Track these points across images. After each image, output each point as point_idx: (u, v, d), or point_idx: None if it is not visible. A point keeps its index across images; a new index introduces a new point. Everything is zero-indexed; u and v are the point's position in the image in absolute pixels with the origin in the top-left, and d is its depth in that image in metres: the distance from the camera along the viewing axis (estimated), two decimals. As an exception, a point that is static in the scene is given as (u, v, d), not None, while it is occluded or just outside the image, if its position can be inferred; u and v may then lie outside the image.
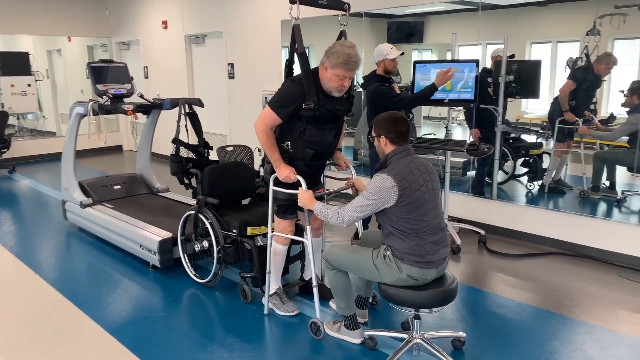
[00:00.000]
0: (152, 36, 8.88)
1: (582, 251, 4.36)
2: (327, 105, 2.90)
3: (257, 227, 3.52)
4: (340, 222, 2.66)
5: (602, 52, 4.49)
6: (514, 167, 5.62)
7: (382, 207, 2.56)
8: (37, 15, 9.06)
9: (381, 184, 2.52)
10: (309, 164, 3.05)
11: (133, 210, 4.71)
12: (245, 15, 7.03)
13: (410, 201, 2.51)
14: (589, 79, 4.66)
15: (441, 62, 4.17)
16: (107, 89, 4.78)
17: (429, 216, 2.57)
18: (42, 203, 6.45)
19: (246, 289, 3.52)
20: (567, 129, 4.88)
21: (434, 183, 2.65)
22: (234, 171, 3.94)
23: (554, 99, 5.05)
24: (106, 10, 9.76)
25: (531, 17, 5.60)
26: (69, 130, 4.94)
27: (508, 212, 4.88)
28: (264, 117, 2.94)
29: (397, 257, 2.57)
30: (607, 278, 3.92)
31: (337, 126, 3.07)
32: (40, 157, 9.40)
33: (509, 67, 4.82)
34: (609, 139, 4.68)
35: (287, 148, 3.01)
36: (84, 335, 3.17)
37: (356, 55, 2.80)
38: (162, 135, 6.30)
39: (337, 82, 2.83)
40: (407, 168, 2.55)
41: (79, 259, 4.50)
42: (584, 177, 4.83)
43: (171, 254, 4.01)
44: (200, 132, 4.70)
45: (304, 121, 2.90)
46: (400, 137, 2.63)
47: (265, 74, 6.91)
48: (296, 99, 2.85)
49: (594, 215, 4.44)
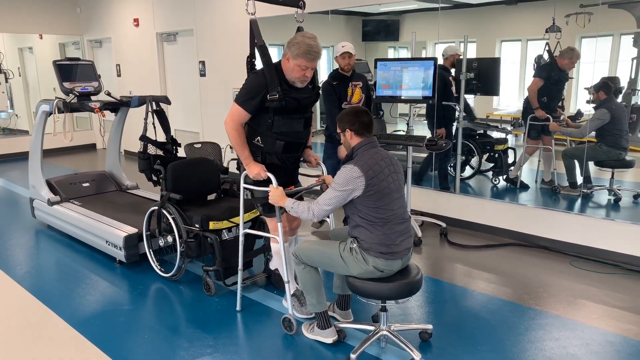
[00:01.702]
0: (124, 34, 8.86)
1: (537, 242, 4.53)
2: (292, 94, 2.93)
3: (219, 221, 3.61)
4: (312, 217, 2.71)
5: (563, 49, 4.64)
6: (479, 162, 5.79)
7: (350, 197, 2.62)
8: (7, 12, 8.97)
9: (349, 174, 2.58)
10: (282, 157, 3.06)
11: (101, 207, 4.75)
12: (215, 14, 7.08)
13: (377, 190, 2.58)
14: (554, 75, 4.79)
15: (401, 61, 4.29)
16: (73, 87, 4.80)
17: (394, 205, 2.65)
18: (11, 202, 6.43)
19: (209, 282, 3.61)
20: (539, 126, 5.01)
21: (399, 175, 2.73)
22: (198, 167, 4.02)
23: (525, 98, 5.18)
24: (77, 8, 9.70)
25: (501, 15, 5.77)
26: (35, 128, 4.95)
27: (469, 205, 5.04)
28: (232, 114, 2.96)
29: (363, 248, 2.63)
30: (560, 267, 4.09)
31: (305, 116, 3.09)
32: (12, 155, 9.32)
33: (469, 65, 4.97)
34: (578, 136, 4.81)
35: (258, 144, 3.03)
36: (48, 330, 3.22)
37: (317, 45, 2.84)
38: (133, 132, 6.32)
39: (299, 72, 2.87)
40: (372, 159, 2.62)
41: (46, 256, 4.54)
42: (555, 172, 4.99)
43: (137, 250, 4.08)
44: (167, 130, 4.74)
45: (270, 113, 2.92)
46: (364, 129, 2.70)
47: (235, 71, 6.97)
48: (260, 90, 2.88)
49: (549, 207, 4.61)
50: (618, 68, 4.70)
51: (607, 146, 4.56)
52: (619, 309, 3.37)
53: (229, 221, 3.65)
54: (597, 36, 4.54)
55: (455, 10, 5.65)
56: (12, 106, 10.86)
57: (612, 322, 3.21)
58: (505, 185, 5.45)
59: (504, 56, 6.00)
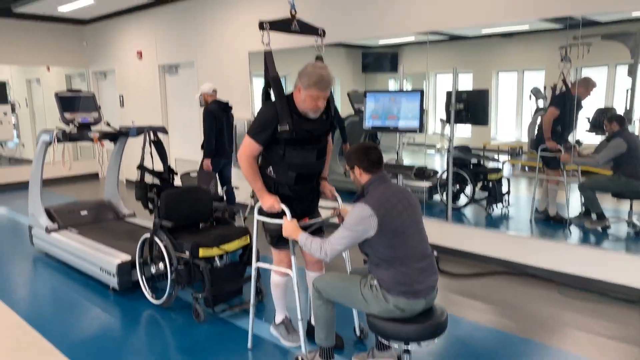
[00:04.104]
0: (128, 66, 9.12)
1: (526, 270, 4.56)
2: (303, 126, 2.89)
3: (209, 248, 3.68)
4: (324, 256, 2.60)
5: (579, 78, 4.63)
6: (473, 191, 5.85)
7: (363, 237, 2.52)
8: (18, 45, 9.26)
9: (360, 213, 2.49)
10: (294, 188, 2.99)
11: (97, 234, 4.84)
12: (215, 47, 7.30)
13: (391, 228, 2.48)
14: (569, 104, 4.75)
15: (388, 93, 4.42)
16: (74, 117, 4.95)
17: (412, 242, 2.54)
18: (11, 229, 6.54)
19: (199, 309, 3.66)
20: (550, 157, 4.93)
21: (415, 208, 2.61)
22: (191, 195, 4.11)
23: (538, 127, 5.16)
24: (84, 41, 10.00)
25: (497, 47, 5.92)
26: (35, 157, 5.09)
27: (461, 233, 5.09)
28: (244, 146, 2.91)
29: (383, 287, 2.52)
30: (548, 295, 4.12)
31: (318, 147, 3.02)
32: (17, 185, 9.45)
33: (459, 96, 5.09)
34: (593, 166, 4.77)
35: (270, 175, 2.99)
36: (36, 354, 3.27)
37: (328, 75, 2.81)
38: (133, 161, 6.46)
39: (311, 102, 2.83)
40: (384, 196, 2.54)
41: (41, 283, 4.61)
42: (567, 203, 4.82)
43: (129, 277, 4.14)
44: (165, 159, 4.86)
45: (282, 144, 2.88)
46: (373, 165, 2.64)
47: (234, 102, 7.14)
48: (271, 122, 2.85)
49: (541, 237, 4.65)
50: (614, 98, 4.80)
51: (626, 177, 4.52)
52: (608, 338, 3.38)
53: (219, 248, 3.72)
54: (592, 66, 4.65)
55: (452, 42, 5.81)
56: (18, 136, 11.10)
57: (601, 351, 3.22)
58: (545, 223, 5.16)
59: (501, 87, 6.14)
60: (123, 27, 9.06)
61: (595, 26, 4.28)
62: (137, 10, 8.49)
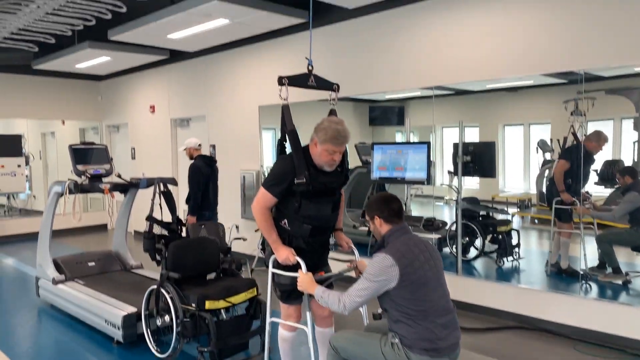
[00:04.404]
0: (140, 119, 9.35)
1: (540, 325, 4.44)
2: (319, 179, 2.89)
3: (216, 301, 3.63)
4: (342, 309, 2.52)
5: (591, 132, 4.66)
6: (482, 244, 5.79)
7: (384, 289, 2.45)
8: (35, 100, 9.59)
9: (381, 263, 2.43)
10: (309, 240, 2.97)
11: (103, 286, 4.81)
12: (226, 101, 7.49)
13: (413, 280, 2.41)
14: (579, 157, 4.71)
15: (395, 144, 4.49)
16: (86, 169, 5.04)
17: (434, 296, 2.47)
18: (19, 281, 6.52)
19: (203, 364, 3.58)
20: (564, 209, 4.86)
21: (436, 261, 2.55)
22: (199, 247, 4.11)
23: (549, 180, 5.14)
24: (99, 96, 10.32)
25: (503, 101, 6.03)
26: (46, 208, 5.15)
27: (471, 287, 5.00)
28: (259, 198, 2.91)
29: (406, 345, 2.43)
30: (564, 351, 3.99)
31: (333, 200, 3.03)
32: (27, 236, 9.49)
33: (465, 149, 5.13)
34: (609, 219, 4.71)
35: (284, 226, 2.95)
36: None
37: (344, 130, 2.84)
38: (141, 213, 6.50)
39: (327, 156, 2.84)
40: (405, 246, 2.49)
41: (45, 335, 4.55)
42: (584, 257, 4.67)
43: (135, 329, 4.08)
44: (173, 210, 4.89)
45: (298, 196, 2.87)
46: (394, 215, 2.60)
47: (244, 154, 7.26)
48: (287, 175, 2.86)
49: (555, 290, 4.55)
50: (622, 150, 4.84)
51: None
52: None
53: (226, 301, 3.67)
54: (598, 120, 4.69)
55: (457, 97, 5.92)
56: (30, 187, 11.25)
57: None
58: (557, 276, 5.04)
59: (508, 140, 6.20)
60: (137, 82, 9.36)
61: (599, 81, 4.34)
62: (151, 67, 8.79)
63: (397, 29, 5.34)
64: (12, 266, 7.33)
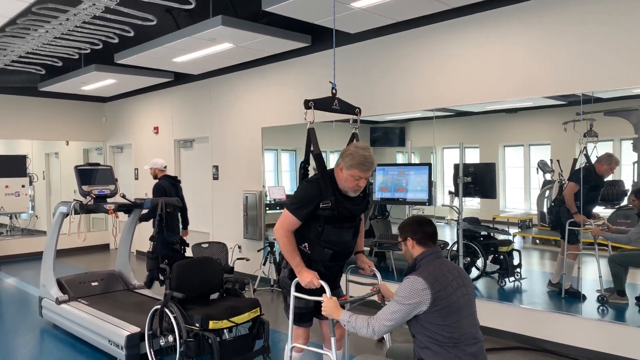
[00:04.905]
0: (144, 140, 9.45)
1: (543, 345, 4.44)
2: (344, 205, 2.89)
3: (219, 320, 3.66)
4: (371, 334, 2.45)
5: (602, 155, 4.66)
6: (484, 264, 5.82)
7: (414, 312, 2.38)
8: (40, 121, 9.73)
9: (412, 286, 2.37)
10: (328, 265, 2.97)
11: (107, 306, 4.83)
12: (229, 123, 7.59)
13: (445, 305, 2.35)
14: (591, 180, 4.70)
15: (397, 166, 4.55)
16: (91, 189, 5.10)
17: (465, 324, 2.40)
18: (21, 301, 6.53)
19: (206, 384, 3.59)
20: (575, 231, 4.80)
21: (468, 288, 2.49)
22: (202, 266, 4.15)
23: (557, 201, 5.13)
24: (103, 117, 10.45)
25: (503, 122, 6.10)
26: (51, 228, 5.19)
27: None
28: (283, 221, 2.89)
29: None
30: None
31: (354, 225, 3.02)
32: (29, 255, 9.54)
33: (466, 170, 5.19)
34: (624, 242, 4.65)
35: (304, 250, 2.94)
36: None
37: (371, 156, 2.84)
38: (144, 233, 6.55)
39: (352, 182, 2.84)
40: (438, 270, 2.43)
41: (49, 356, 4.55)
42: (600, 280, 4.67)
43: (138, 349, 4.09)
44: (177, 230, 4.95)
45: (321, 221, 2.86)
46: (427, 238, 2.55)
47: (246, 175, 7.33)
48: (314, 199, 2.84)
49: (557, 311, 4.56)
50: (622, 171, 4.86)
51: None
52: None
53: (229, 320, 3.70)
54: (598, 141, 4.75)
55: (458, 118, 6.00)
56: (33, 207, 11.30)
57: None
58: (558, 296, 5.02)
59: (508, 160, 6.27)
60: (141, 104, 9.49)
61: (598, 102, 4.39)
62: (156, 89, 8.93)
63: (397, 53, 5.46)
64: (14, 286, 7.34)
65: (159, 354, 4.02)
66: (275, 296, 6.41)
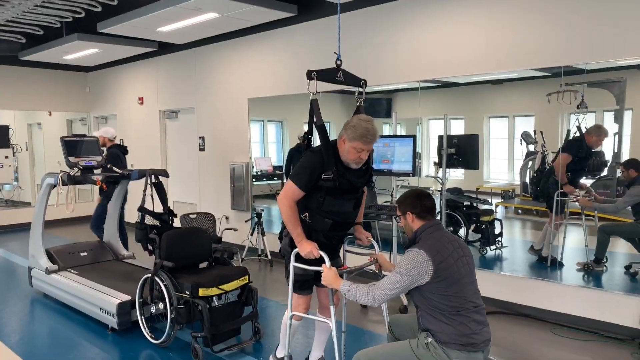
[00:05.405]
0: (129, 111, 9.37)
1: (519, 310, 4.64)
2: (346, 176, 2.90)
3: (209, 288, 3.76)
4: (372, 302, 2.51)
5: (591, 126, 4.71)
6: (466, 233, 5.97)
7: (416, 284, 2.44)
8: (21, 91, 9.55)
9: (414, 258, 2.42)
10: (328, 234, 3.00)
11: (96, 275, 4.90)
12: (215, 93, 7.56)
13: (447, 276, 2.41)
14: (581, 152, 4.78)
15: (381, 138, 4.61)
16: (78, 161, 5.10)
17: (467, 292, 2.47)
18: (9, 271, 6.57)
19: (197, 348, 3.71)
20: (564, 201, 4.86)
21: (468, 258, 2.55)
22: (191, 237, 4.23)
23: (538, 172, 5.22)
24: (86, 87, 10.30)
25: (488, 94, 6.16)
26: (39, 199, 5.21)
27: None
28: (286, 191, 2.91)
29: (441, 341, 2.41)
30: (541, 335, 4.19)
31: (356, 197, 3.04)
32: (14, 226, 9.52)
33: (450, 141, 5.29)
34: (611, 211, 4.74)
35: (305, 219, 2.97)
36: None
37: (373, 129, 2.84)
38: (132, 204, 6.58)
39: (354, 154, 2.85)
40: (439, 242, 2.48)
41: (40, 324, 4.64)
42: (587, 249, 4.79)
43: (129, 317, 4.19)
44: (165, 201, 4.98)
45: (322, 192, 2.88)
46: (427, 212, 2.59)
47: (233, 146, 7.35)
48: (316, 169, 2.87)
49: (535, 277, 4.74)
50: (604, 142, 4.96)
51: None
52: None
53: (218, 288, 3.80)
54: (581, 113, 4.83)
55: (443, 89, 6.04)
56: (17, 179, 11.20)
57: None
58: (538, 263, 5.16)
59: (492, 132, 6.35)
60: (125, 74, 9.38)
61: (581, 74, 4.43)
62: (140, 59, 8.81)
63: (383, 23, 5.47)
64: (1, 257, 7.36)
65: (150, 321, 4.13)
66: (262, 265, 6.54)
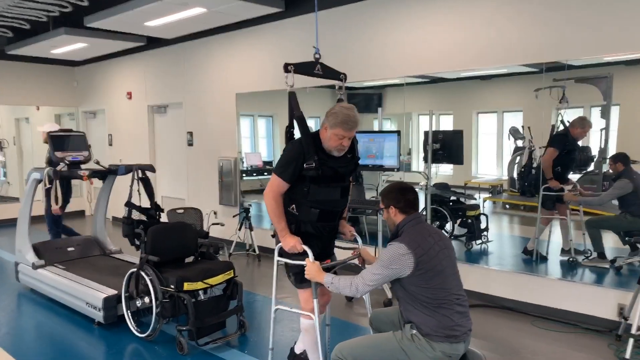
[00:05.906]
0: (118, 106, 9.35)
1: (501, 302, 4.71)
2: (328, 164, 2.91)
3: (194, 282, 3.79)
4: (354, 292, 2.56)
5: (575, 118, 4.77)
6: (452, 228, 6.04)
7: (397, 276, 2.48)
8: (8, 85, 9.48)
9: (395, 251, 2.46)
10: (317, 225, 3.00)
11: (83, 270, 4.91)
12: (203, 88, 7.57)
13: (428, 268, 2.43)
14: (568, 145, 4.82)
15: (367, 133, 4.66)
16: (65, 156, 5.10)
17: (449, 284, 2.50)
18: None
19: (182, 342, 3.74)
20: (553, 196, 4.88)
21: (450, 250, 2.59)
22: (177, 231, 4.25)
23: (526, 167, 5.27)
24: (74, 82, 10.25)
25: (477, 89, 6.20)
26: (25, 194, 5.21)
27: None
28: (271, 184, 2.92)
29: (424, 333, 2.45)
30: (521, 327, 4.27)
31: (342, 185, 3.04)
32: (2, 222, 9.48)
33: (435, 136, 5.33)
34: (596, 204, 4.83)
35: (292, 212, 2.97)
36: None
37: (355, 116, 2.85)
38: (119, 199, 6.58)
39: (336, 141, 2.86)
40: (420, 235, 2.51)
41: (27, 318, 4.65)
42: (573, 243, 4.84)
43: (115, 311, 4.22)
44: (152, 196, 5.00)
45: (307, 181, 2.89)
46: (409, 206, 2.62)
47: (221, 141, 7.37)
48: (297, 159, 2.87)
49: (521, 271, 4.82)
50: (590, 137, 4.99)
51: (632, 216, 4.51)
52: (574, 366, 3.53)
53: (204, 282, 3.83)
54: (569, 108, 4.89)
55: (432, 85, 6.08)
56: (5, 174, 11.15)
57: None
58: (523, 257, 5.20)
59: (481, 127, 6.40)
60: (114, 68, 9.34)
61: (569, 70, 4.46)
62: (128, 53, 8.78)
63: (370, 18, 5.49)
64: (-11, 252, 7.34)
65: (136, 315, 4.16)
66: (250, 260, 6.57)
